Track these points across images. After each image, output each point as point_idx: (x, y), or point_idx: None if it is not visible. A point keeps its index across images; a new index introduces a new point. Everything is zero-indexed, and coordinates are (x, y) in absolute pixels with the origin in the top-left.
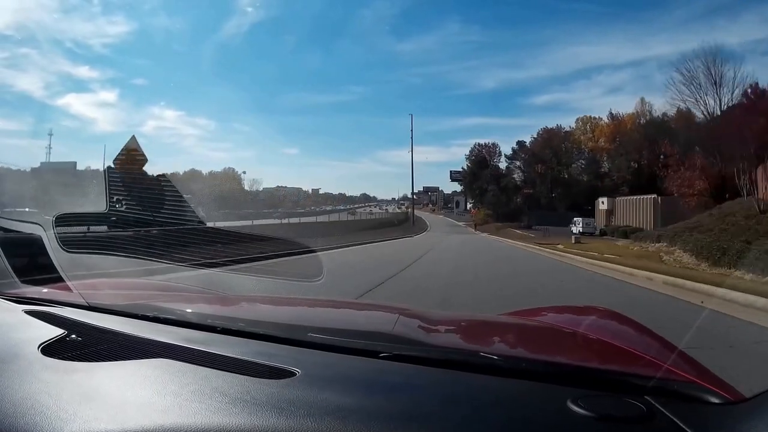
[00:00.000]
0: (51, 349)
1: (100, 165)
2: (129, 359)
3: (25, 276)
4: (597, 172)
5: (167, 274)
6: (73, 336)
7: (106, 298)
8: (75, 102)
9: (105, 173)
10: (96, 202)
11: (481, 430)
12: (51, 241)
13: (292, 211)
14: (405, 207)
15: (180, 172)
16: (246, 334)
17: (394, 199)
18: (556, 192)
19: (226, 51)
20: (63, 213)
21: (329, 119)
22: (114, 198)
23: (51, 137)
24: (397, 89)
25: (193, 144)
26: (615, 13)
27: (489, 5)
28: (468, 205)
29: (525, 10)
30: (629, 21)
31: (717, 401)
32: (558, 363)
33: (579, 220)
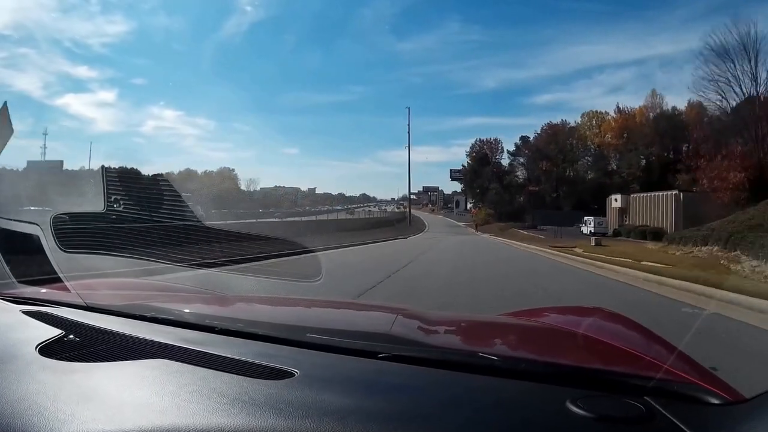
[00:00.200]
0: (49, 350)
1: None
2: (127, 360)
3: (23, 276)
4: (605, 168)
5: (165, 274)
6: (71, 336)
7: (104, 298)
8: (74, 102)
9: (102, 172)
10: (88, 200)
11: (481, 431)
12: (48, 241)
13: (286, 211)
14: (404, 207)
15: (175, 171)
16: (244, 334)
17: (393, 200)
18: (560, 190)
19: (225, 50)
20: (61, 213)
21: (329, 119)
22: (112, 198)
23: (46, 136)
24: (398, 89)
25: (193, 144)
26: (616, 12)
27: (489, 4)
28: (468, 205)
29: (526, 9)
30: (630, 20)
31: (717, 402)
32: (557, 363)
33: (590, 219)
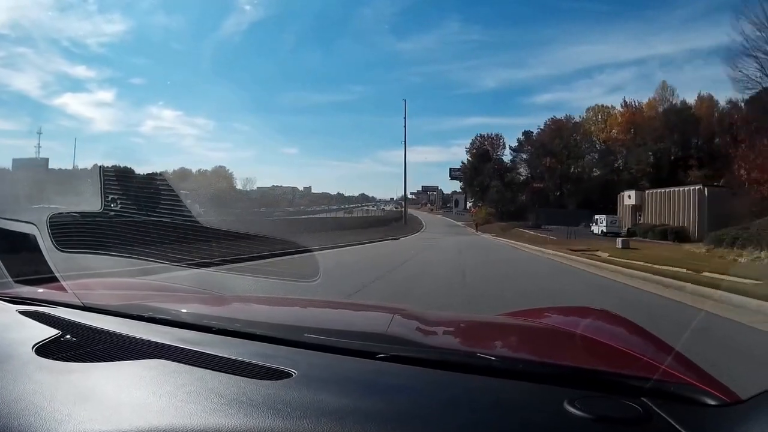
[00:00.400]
0: (45, 350)
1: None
2: (124, 360)
3: (20, 276)
4: (612, 165)
5: (162, 273)
6: (68, 336)
7: (100, 298)
8: (72, 102)
9: (100, 172)
10: (70, 199)
11: (479, 431)
12: (45, 241)
13: (279, 211)
14: (401, 207)
15: (169, 171)
16: (242, 334)
17: (392, 199)
18: (565, 188)
19: (224, 50)
20: (58, 212)
21: (329, 119)
22: (109, 197)
23: (40, 136)
24: (398, 88)
25: (192, 144)
26: (616, 12)
27: (489, 4)
28: (467, 204)
29: (526, 8)
30: (631, 19)
31: (713, 403)
32: (555, 364)
33: (602, 217)
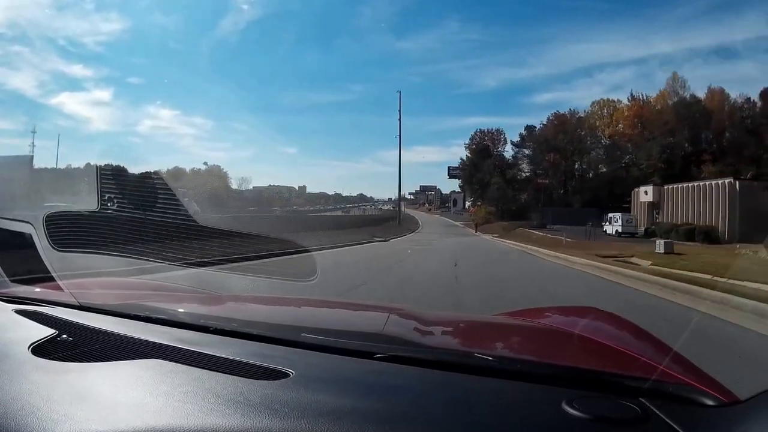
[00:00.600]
0: (42, 350)
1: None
2: (121, 360)
3: (16, 275)
4: (619, 160)
5: (159, 273)
6: (64, 336)
7: (97, 297)
8: (69, 101)
9: (97, 171)
10: (56, 198)
11: (476, 431)
12: (41, 240)
13: (267, 210)
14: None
15: (163, 170)
16: (239, 334)
17: (390, 199)
18: (569, 185)
19: (222, 49)
20: (54, 212)
21: (328, 118)
22: (105, 196)
23: (34, 135)
24: (397, 88)
25: (190, 143)
26: (616, 11)
27: (489, 3)
28: (466, 203)
29: (525, 7)
30: (631, 18)
31: (711, 403)
32: (553, 364)
33: (616, 216)
